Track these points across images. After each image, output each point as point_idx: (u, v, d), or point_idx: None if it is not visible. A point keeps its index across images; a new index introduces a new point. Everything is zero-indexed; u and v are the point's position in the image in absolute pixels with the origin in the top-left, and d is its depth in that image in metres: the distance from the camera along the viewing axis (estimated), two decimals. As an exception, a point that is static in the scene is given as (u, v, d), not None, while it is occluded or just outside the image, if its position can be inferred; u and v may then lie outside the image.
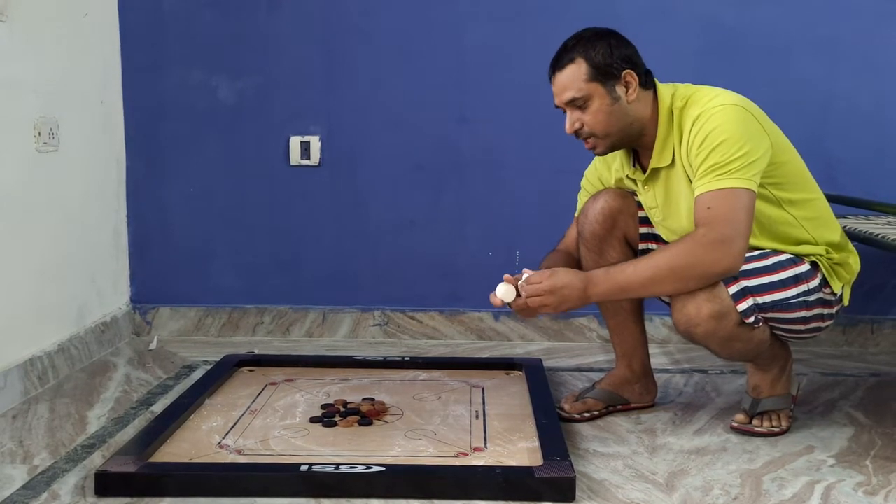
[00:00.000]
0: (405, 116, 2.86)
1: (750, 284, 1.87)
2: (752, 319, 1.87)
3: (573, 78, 1.91)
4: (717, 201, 1.82)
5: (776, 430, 2.03)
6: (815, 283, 1.93)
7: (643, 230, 2.12)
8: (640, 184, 2.04)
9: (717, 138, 1.84)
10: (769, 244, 1.95)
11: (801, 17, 2.76)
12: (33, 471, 1.80)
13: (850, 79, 2.77)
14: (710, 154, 1.84)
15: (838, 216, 2.46)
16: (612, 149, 1.99)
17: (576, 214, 2.22)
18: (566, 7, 2.76)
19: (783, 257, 1.92)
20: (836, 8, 2.75)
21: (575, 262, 2.13)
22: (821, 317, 1.97)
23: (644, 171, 2.02)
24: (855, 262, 2.03)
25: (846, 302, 2.04)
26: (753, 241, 1.91)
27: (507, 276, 1.91)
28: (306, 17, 2.84)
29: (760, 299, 1.87)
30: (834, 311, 2.00)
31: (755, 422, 2.04)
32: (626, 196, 2.11)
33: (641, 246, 2.13)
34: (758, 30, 2.76)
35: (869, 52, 2.76)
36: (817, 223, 1.99)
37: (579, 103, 1.92)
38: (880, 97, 2.78)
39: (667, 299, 2.01)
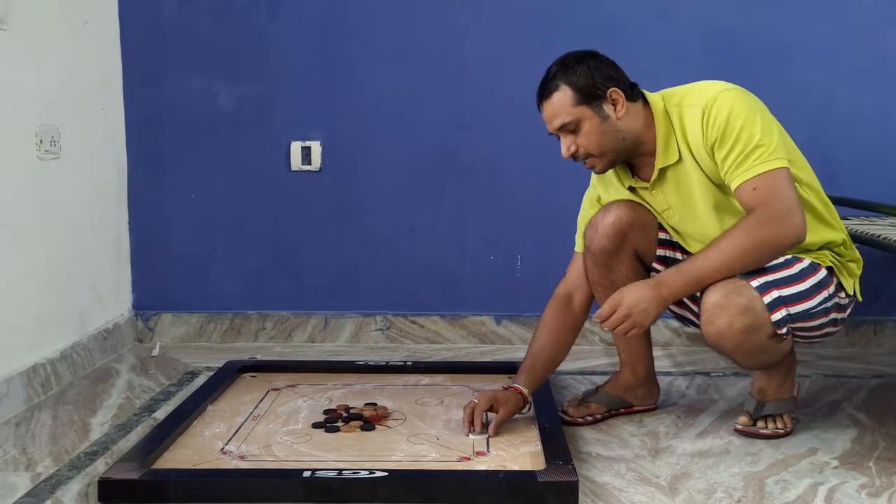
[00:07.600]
0: (406, 122, 2.87)
1: (783, 294, 1.86)
2: (784, 330, 1.86)
3: (560, 105, 1.91)
4: (761, 183, 1.82)
5: (780, 431, 2.03)
6: (832, 288, 1.94)
7: (661, 236, 2.09)
8: (646, 191, 2.03)
9: (735, 125, 1.84)
10: None
11: (801, 20, 2.76)
12: (37, 478, 1.80)
13: (851, 81, 2.77)
14: (734, 143, 1.84)
15: (840, 218, 2.47)
16: (612, 164, 1.99)
17: (575, 249, 2.15)
18: (567, 13, 2.75)
19: (805, 263, 1.91)
20: (836, 10, 2.75)
21: (574, 310, 2.09)
22: (834, 322, 1.98)
23: (646, 179, 2.01)
24: (858, 255, 2.04)
25: (860, 297, 2.04)
26: None
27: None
28: (306, 23, 2.85)
29: (792, 309, 1.87)
30: (846, 314, 2.01)
31: (759, 424, 2.04)
32: (638, 207, 2.06)
33: (659, 252, 2.09)
34: (758, 33, 2.77)
35: (869, 54, 2.76)
36: (829, 208, 2.00)
37: (570, 128, 1.92)
38: (881, 99, 2.78)
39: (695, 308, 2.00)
